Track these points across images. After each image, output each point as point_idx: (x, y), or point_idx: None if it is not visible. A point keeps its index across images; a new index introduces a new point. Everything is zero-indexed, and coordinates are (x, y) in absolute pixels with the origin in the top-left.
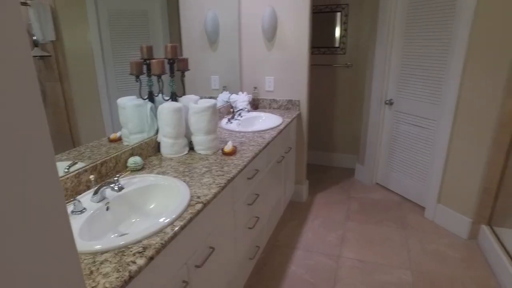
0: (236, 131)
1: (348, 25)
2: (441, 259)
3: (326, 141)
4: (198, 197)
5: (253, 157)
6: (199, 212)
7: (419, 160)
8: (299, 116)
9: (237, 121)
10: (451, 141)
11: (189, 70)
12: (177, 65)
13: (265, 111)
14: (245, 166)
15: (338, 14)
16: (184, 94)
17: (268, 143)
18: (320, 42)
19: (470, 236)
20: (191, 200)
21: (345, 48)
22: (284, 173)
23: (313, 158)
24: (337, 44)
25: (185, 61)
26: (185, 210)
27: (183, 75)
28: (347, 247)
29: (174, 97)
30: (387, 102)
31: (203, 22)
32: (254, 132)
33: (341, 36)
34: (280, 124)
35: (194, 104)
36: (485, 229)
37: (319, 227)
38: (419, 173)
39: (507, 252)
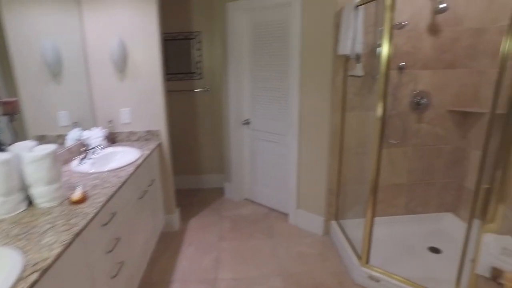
0: (89, 173)
1: (202, 51)
2: (303, 258)
3: (194, 164)
4: (35, 265)
5: (107, 201)
6: (35, 283)
7: (278, 172)
8: (160, 145)
9: (91, 160)
10: (299, 152)
11: (19, 113)
12: (2, 109)
13: (123, 145)
14: (97, 214)
15: (192, 41)
16: (17, 140)
17: (124, 182)
18: (177, 69)
19: (325, 233)
20: (23, 271)
21: (201, 73)
22: (151, 207)
23: (183, 183)
24: (193, 70)
25: (13, 103)
26: None
27: (12, 119)
28: (222, 268)
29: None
30: (244, 122)
31: (41, 53)
32: (109, 171)
33: (197, 61)
34: (139, 158)
35: (29, 153)
36: (333, 224)
37: (193, 253)
38: (280, 184)
39: (348, 239)
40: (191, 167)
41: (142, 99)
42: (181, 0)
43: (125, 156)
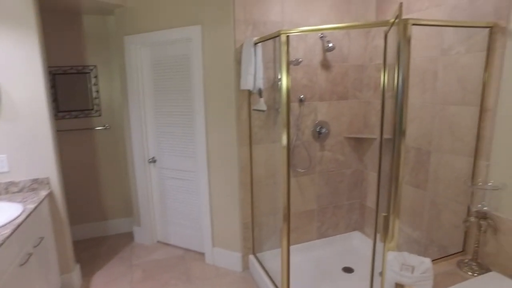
0: None
1: (99, 86)
2: None
3: (97, 209)
4: None
5: None
6: None
7: (191, 211)
8: (51, 195)
9: None
10: (210, 188)
11: None
12: None
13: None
14: None
15: (88, 75)
16: None
17: None
18: (71, 105)
19: (244, 268)
20: None
21: (100, 110)
22: (39, 271)
23: (86, 232)
24: (90, 106)
25: None
26: None
27: None
28: None
29: None
30: (150, 160)
31: None
32: None
33: (94, 97)
34: (19, 216)
35: None
36: (251, 258)
37: None
38: (194, 222)
39: (266, 271)
40: (94, 213)
41: (24, 143)
42: (71, 31)
43: None
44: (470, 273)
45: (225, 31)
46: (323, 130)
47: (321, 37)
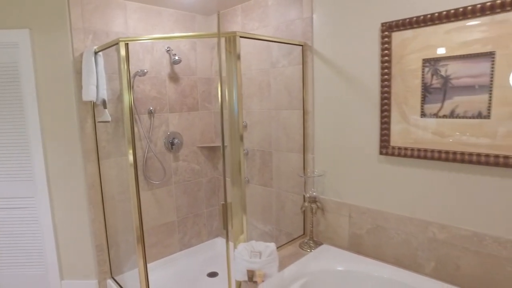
0: None
1: None
2: None
3: None
4: None
5: None
6: None
7: (31, 245)
8: None
9: None
10: (53, 213)
11: None
12: None
13: None
14: None
15: None
16: None
17: None
18: None
19: None
20: None
21: None
22: None
23: None
24: None
25: None
26: None
27: None
28: None
29: None
30: None
31: None
32: None
33: None
34: None
35: None
36: (110, 283)
37: None
38: (32, 258)
39: None
40: None
41: None
42: None
43: None
44: (308, 250)
45: (61, 38)
46: (176, 141)
47: (168, 50)
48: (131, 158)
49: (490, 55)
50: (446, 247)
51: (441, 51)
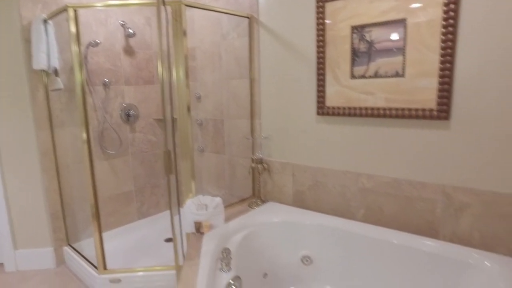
0: None
1: None
2: None
3: None
4: None
5: None
6: None
7: None
8: None
9: None
10: (4, 182)
11: None
12: None
13: None
14: None
15: None
16: None
17: None
18: None
19: (59, 263)
20: None
21: None
22: None
23: None
24: None
25: None
26: None
27: None
28: None
29: None
30: None
31: None
32: None
33: None
34: None
35: None
36: (66, 250)
37: None
38: None
39: (85, 258)
40: None
41: None
42: None
43: None
44: (255, 208)
45: (6, 6)
46: (132, 113)
47: (122, 24)
48: (83, 128)
49: (402, 21)
50: (373, 194)
51: (366, 19)
